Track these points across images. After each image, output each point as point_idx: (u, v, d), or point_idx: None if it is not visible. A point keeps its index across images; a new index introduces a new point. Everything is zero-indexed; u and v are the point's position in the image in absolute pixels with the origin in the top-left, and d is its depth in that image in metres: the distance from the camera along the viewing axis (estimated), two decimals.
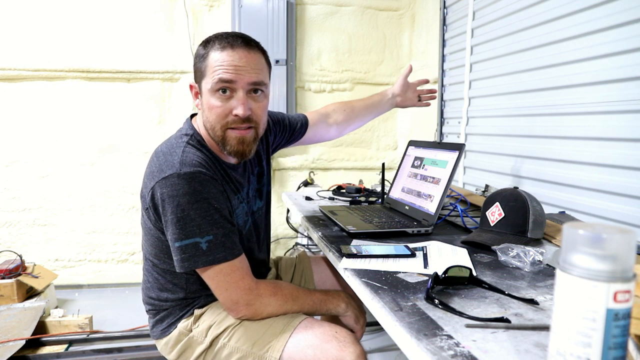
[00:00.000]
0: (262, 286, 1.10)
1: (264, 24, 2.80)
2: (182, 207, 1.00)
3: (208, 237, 1.01)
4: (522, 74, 1.95)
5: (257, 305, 1.08)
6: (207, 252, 1.01)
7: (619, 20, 1.45)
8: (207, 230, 1.01)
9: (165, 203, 1.02)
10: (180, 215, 1.00)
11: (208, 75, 1.08)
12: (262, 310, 1.09)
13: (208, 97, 1.09)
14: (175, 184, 1.01)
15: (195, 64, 1.13)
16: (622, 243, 0.51)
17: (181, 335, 1.16)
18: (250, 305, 1.07)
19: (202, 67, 1.10)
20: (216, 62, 1.06)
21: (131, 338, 2.20)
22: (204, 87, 1.10)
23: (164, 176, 1.02)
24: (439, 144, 1.47)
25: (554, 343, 0.55)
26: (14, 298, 2.25)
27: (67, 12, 2.70)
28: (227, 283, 1.05)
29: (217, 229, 1.03)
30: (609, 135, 1.51)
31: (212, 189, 1.04)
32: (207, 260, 1.02)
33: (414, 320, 0.74)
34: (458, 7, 2.51)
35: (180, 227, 1.01)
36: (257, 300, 1.08)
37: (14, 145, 2.76)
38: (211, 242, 1.02)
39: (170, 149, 1.09)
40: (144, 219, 1.14)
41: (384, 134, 3.23)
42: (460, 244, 1.21)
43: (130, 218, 2.92)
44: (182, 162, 1.03)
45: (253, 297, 1.07)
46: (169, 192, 1.01)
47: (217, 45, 1.08)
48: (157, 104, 2.88)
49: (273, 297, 1.10)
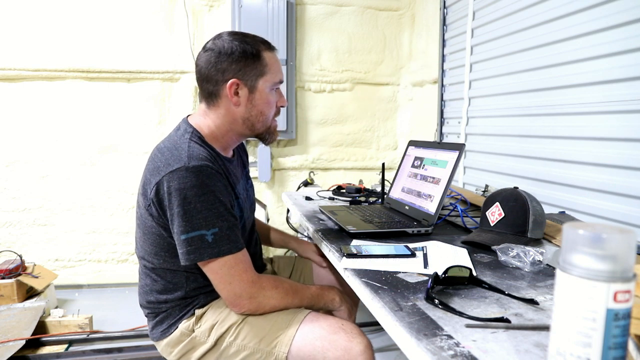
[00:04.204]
0: (264, 279, 1.11)
1: (264, 24, 2.80)
2: (189, 199, 1.02)
3: (214, 229, 1.03)
4: (522, 74, 1.95)
5: (260, 299, 1.09)
6: (212, 244, 1.03)
7: (619, 20, 1.45)
8: (213, 222, 1.03)
9: (172, 196, 1.03)
10: (187, 207, 1.02)
11: (269, 73, 1.16)
12: (265, 304, 1.10)
13: (266, 93, 1.17)
14: (183, 176, 1.02)
15: (241, 60, 1.12)
16: (622, 243, 0.51)
17: (183, 336, 1.15)
18: (254, 299, 1.08)
19: (259, 65, 1.14)
20: (274, 63, 1.17)
21: (131, 338, 2.20)
22: (262, 84, 1.16)
23: (172, 170, 1.03)
24: (439, 144, 1.47)
25: (554, 343, 0.55)
26: (14, 298, 2.25)
27: (67, 12, 2.70)
28: (231, 276, 1.06)
29: (223, 222, 1.04)
30: (609, 135, 1.51)
31: (218, 183, 1.06)
32: (213, 252, 1.03)
33: (414, 320, 0.74)
34: (458, 7, 2.51)
35: (187, 220, 1.02)
36: (259, 293, 1.09)
37: (14, 145, 2.76)
38: (217, 234, 1.03)
39: (174, 145, 1.10)
40: (142, 219, 1.14)
41: (384, 134, 3.23)
42: (460, 244, 1.21)
43: (130, 218, 2.91)
44: (189, 156, 1.05)
45: (256, 289, 1.08)
46: (177, 185, 1.02)
47: (265, 48, 1.16)
48: (157, 104, 2.88)
49: (275, 290, 1.11)
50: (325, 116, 3.10)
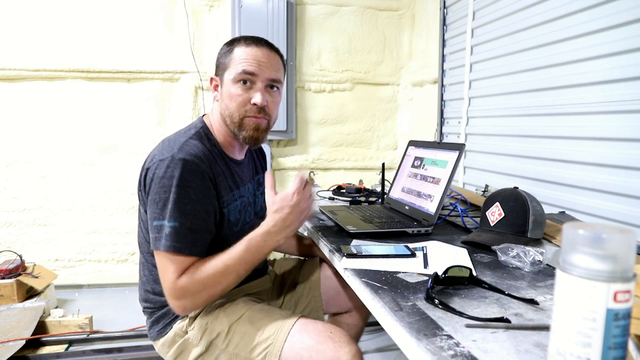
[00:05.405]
0: (188, 286, 1.04)
1: (264, 24, 2.80)
2: (164, 188, 1.04)
3: (174, 223, 1.03)
4: (522, 74, 1.95)
5: (185, 302, 1.05)
6: (167, 236, 1.03)
7: (619, 20, 1.45)
8: (176, 216, 1.03)
9: (153, 183, 1.06)
10: (162, 196, 1.04)
11: (232, 66, 1.15)
12: (195, 305, 1.07)
13: (230, 86, 1.15)
14: (167, 166, 1.05)
15: (218, 59, 1.21)
16: (622, 243, 0.51)
17: (177, 337, 1.16)
18: (179, 300, 1.05)
19: (227, 60, 1.17)
20: (241, 56, 1.15)
21: (131, 338, 2.20)
22: (227, 77, 1.16)
23: (161, 158, 1.07)
24: (439, 144, 1.47)
25: (554, 343, 0.55)
26: (14, 298, 2.25)
27: (67, 12, 2.70)
28: (164, 274, 1.05)
29: (186, 219, 1.04)
30: (609, 135, 1.51)
31: (198, 181, 1.06)
32: (164, 244, 1.03)
33: (414, 320, 0.74)
34: (458, 7, 2.51)
35: (159, 207, 1.04)
36: (184, 298, 1.04)
37: (14, 145, 2.76)
38: (174, 229, 1.03)
39: (175, 137, 1.14)
40: (140, 208, 1.17)
41: (384, 134, 3.23)
42: (460, 244, 1.21)
43: (130, 218, 2.91)
44: (180, 149, 1.08)
45: (180, 293, 1.04)
46: (159, 173, 1.05)
47: (242, 42, 1.17)
48: (157, 104, 2.88)
49: (200, 293, 1.05)
50: (325, 116, 3.10)
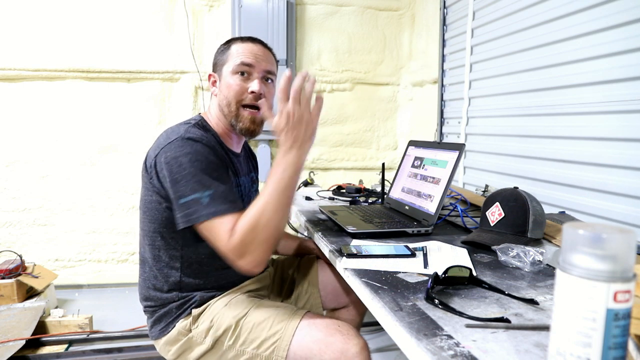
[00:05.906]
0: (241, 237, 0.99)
1: (264, 24, 2.80)
2: (183, 165, 1.06)
3: (209, 191, 1.04)
4: (522, 74, 1.95)
5: (249, 257, 0.99)
6: (208, 205, 1.03)
7: (619, 20, 1.45)
8: (208, 184, 1.04)
9: (169, 165, 1.07)
10: (183, 173, 1.05)
11: (230, 60, 1.22)
12: (260, 255, 1.00)
13: (228, 78, 1.22)
14: (178, 145, 1.08)
15: (215, 57, 1.28)
16: (622, 243, 0.51)
17: (180, 335, 1.16)
18: (243, 257, 0.99)
19: (224, 56, 1.24)
20: (239, 50, 1.22)
21: (131, 338, 2.20)
22: (225, 70, 1.23)
23: (169, 141, 1.10)
24: (439, 144, 1.47)
25: (554, 343, 0.55)
26: (14, 298, 2.25)
27: (67, 12, 2.70)
28: (216, 241, 1.01)
29: (218, 185, 1.05)
30: (609, 135, 1.51)
31: (211, 156, 1.10)
32: (209, 212, 1.01)
33: (414, 320, 0.74)
34: (458, 7, 2.51)
35: (184, 185, 1.05)
36: (245, 252, 0.99)
37: (14, 145, 2.76)
38: (212, 195, 1.03)
39: (177, 126, 1.18)
40: (146, 197, 1.17)
41: (384, 134, 3.23)
42: (460, 244, 1.21)
43: (130, 218, 2.91)
44: (186, 131, 1.12)
45: (239, 250, 0.99)
46: (173, 154, 1.08)
47: (239, 40, 1.25)
48: (157, 104, 2.88)
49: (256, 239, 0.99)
50: (325, 116, 3.10)
